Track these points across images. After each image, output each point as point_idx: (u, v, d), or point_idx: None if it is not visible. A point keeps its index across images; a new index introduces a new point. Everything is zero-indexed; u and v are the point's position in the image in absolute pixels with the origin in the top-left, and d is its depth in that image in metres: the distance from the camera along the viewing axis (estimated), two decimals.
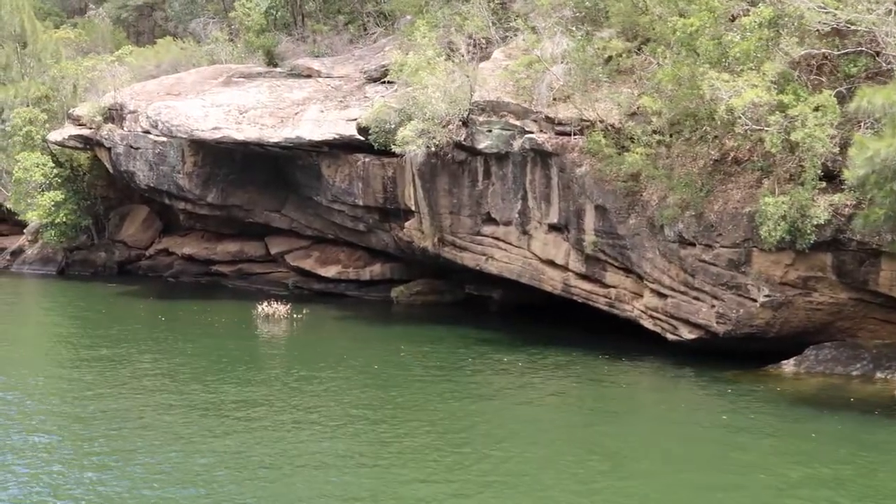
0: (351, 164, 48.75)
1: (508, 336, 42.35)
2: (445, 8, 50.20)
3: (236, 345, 41.25)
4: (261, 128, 50.34)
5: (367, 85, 52.24)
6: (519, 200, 41.90)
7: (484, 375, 36.17)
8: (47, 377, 35.59)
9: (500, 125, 41.50)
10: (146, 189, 57.46)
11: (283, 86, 54.84)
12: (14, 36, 65.04)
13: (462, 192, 43.88)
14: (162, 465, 25.21)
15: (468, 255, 44.48)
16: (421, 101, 42.17)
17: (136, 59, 63.41)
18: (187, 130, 50.96)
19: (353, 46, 60.83)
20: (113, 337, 42.54)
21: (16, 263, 66.13)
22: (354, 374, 35.92)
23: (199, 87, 56.84)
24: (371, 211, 49.15)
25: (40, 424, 29.20)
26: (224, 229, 59.84)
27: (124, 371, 36.17)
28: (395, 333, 43.31)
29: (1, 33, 65.86)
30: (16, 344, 42.97)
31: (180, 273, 61.13)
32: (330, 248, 54.66)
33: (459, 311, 48.71)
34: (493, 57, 45.31)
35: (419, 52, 44.22)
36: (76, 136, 59.41)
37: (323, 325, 45.67)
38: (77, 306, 51.99)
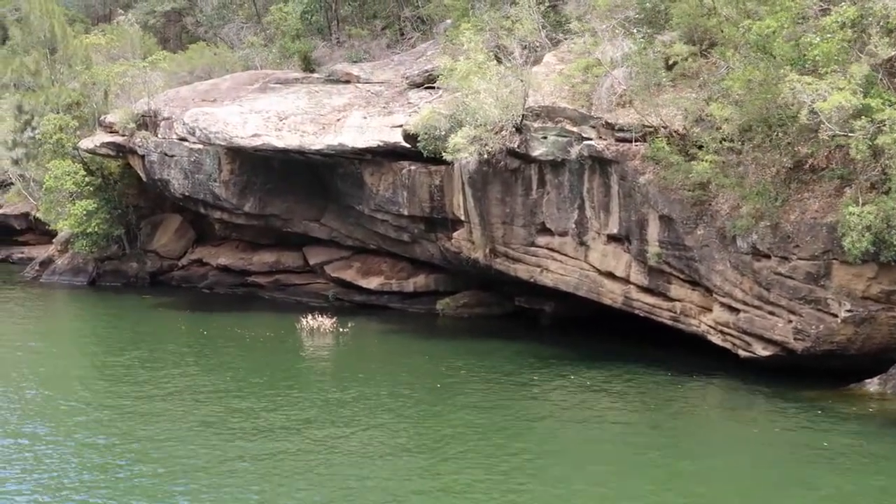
0: (395, 172, 47.16)
1: (564, 351, 40.73)
2: (491, 11, 48.43)
3: (284, 361, 39.76)
4: (301, 135, 48.77)
5: (410, 90, 50.64)
6: (575, 210, 40.26)
7: (541, 393, 34.72)
8: (85, 395, 34.21)
9: (555, 131, 39.89)
10: (181, 198, 55.97)
11: (322, 92, 53.25)
12: (44, 41, 63.56)
13: (515, 201, 42.23)
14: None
15: (522, 266, 42.81)
16: (472, 106, 40.57)
17: (169, 64, 61.79)
18: (226, 137, 49.41)
19: (391, 51, 59.37)
20: (156, 354, 41.01)
21: (45, 274, 64.58)
22: (409, 393, 34.35)
23: (235, 94, 55.34)
24: (416, 220, 47.53)
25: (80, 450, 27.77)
26: (260, 239, 58.29)
27: (172, 391, 34.73)
28: (445, 348, 41.65)
29: (30, 38, 64.40)
30: (50, 361, 41.39)
31: (215, 284, 59.55)
32: (371, 259, 53.02)
33: (509, 324, 47.02)
34: (545, 61, 43.74)
35: (468, 57, 42.49)
36: (109, 143, 58.00)
37: (370, 340, 44.06)
38: (112, 319, 50.46)
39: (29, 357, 41.42)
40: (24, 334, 46.56)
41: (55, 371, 38.60)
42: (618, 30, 39.07)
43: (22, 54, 65.62)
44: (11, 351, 42.18)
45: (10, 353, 41.33)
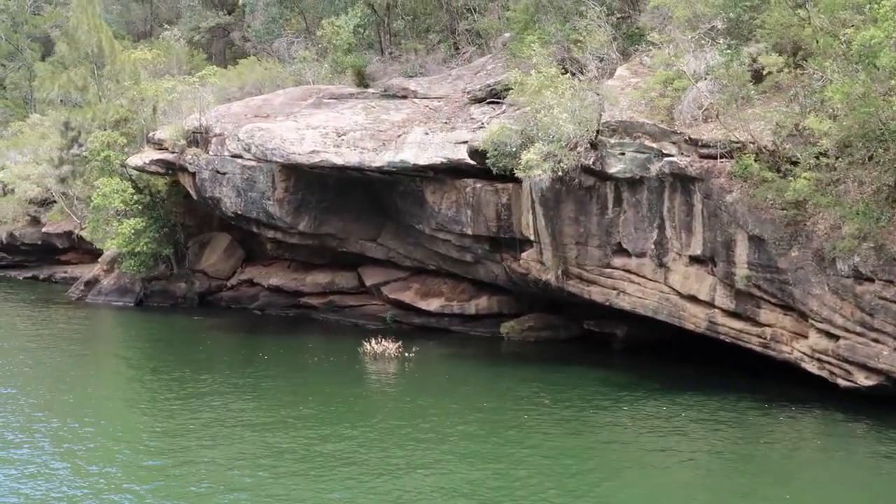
0: (459, 189, 45.38)
1: (640, 378, 38.78)
2: (558, 23, 46.68)
3: (355, 390, 37.81)
4: (361, 151, 47.06)
5: (472, 105, 48.81)
6: (654, 230, 38.35)
7: (618, 423, 32.89)
8: (138, 422, 32.50)
9: (633, 147, 38.02)
10: (233, 216, 54.36)
11: (379, 107, 51.57)
12: (91, 56, 62.14)
13: (590, 220, 40.35)
14: None
15: (596, 289, 40.88)
16: (545, 122, 38.76)
17: (219, 80, 60.31)
18: (283, 154, 47.77)
19: (446, 66, 57.62)
20: (220, 381, 39.01)
21: (91, 294, 63.10)
22: (484, 425, 32.34)
23: (289, 109, 53.72)
24: (480, 240, 45.71)
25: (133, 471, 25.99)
26: (313, 259, 56.59)
27: (235, 421, 32.87)
28: (515, 376, 39.69)
29: (76, 54, 63.01)
30: (102, 385, 40.00)
31: (267, 305, 57.87)
32: (431, 280, 51.18)
33: (578, 349, 45.05)
34: (618, 74, 42.02)
35: (538, 70, 40.71)
36: (158, 160, 56.47)
37: (436, 366, 42.09)
38: (166, 343, 48.73)
39: (83, 385, 39.81)
40: (76, 360, 44.89)
41: (111, 400, 37.12)
42: (702, 41, 37.12)
43: (69, 69, 64.29)
44: (61, 378, 40.53)
45: (61, 383, 39.59)
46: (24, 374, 40.66)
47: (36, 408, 34.75)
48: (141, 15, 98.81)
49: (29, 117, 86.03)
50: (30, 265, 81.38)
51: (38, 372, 41.12)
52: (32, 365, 42.59)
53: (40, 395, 36.58)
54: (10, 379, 39.68)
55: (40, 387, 38.16)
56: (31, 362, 43.10)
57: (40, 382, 38.97)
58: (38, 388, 38.04)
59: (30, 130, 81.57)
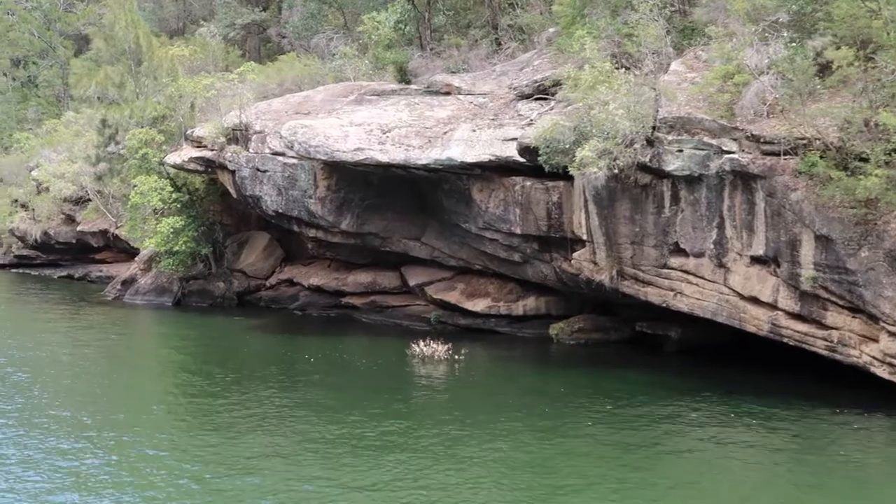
0: (507, 188, 44.31)
1: (700, 382, 37.64)
2: (608, 17, 45.52)
3: (407, 395, 36.67)
4: (406, 149, 46.05)
5: (519, 102, 47.65)
6: (714, 229, 37.15)
7: (678, 430, 31.77)
8: (190, 428, 31.53)
9: (692, 144, 36.84)
10: (273, 215, 53.42)
11: (422, 103, 50.49)
12: (129, 53, 61.31)
13: (646, 219, 39.18)
14: None
15: (653, 290, 39.72)
16: (600, 118, 37.66)
17: (257, 76, 59.38)
18: (327, 151, 46.80)
19: (489, 62, 56.50)
20: (268, 384, 38.11)
21: (128, 294, 62.37)
22: (552, 434, 31.19)
23: (330, 106, 52.80)
24: (529, 240, 44.61)
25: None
26: (355, 258, 55.66)
27: (292, 431, 31.79)
28: (569, 379, 38.66)
29: (114, 50, 62.20)
30: (146, 388, 39.20)
31: (307, 305, 56.97)
32: (476, 280, 50.11)
33: (630, 351, 43.96)
34: (672, 69, 40.80)
35: (592, 66, 39.58)
36: (197, 158, 55.71)
37: (487, 369, 41.06)
38: (208, 345, 47.69)
39: (128, 391, 39.04)
40: (117, 363, 44.21)
41: (156, 404, 36.26)
42: (766, 34, 35.90)
43: (106, 66, 63.52)
44: (101, 381, 39.78)
45: (100, 386, 38.83)
46: (66, 378, 39.75)
47: (81, 412, 33.90)
48: (174, 12, 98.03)
49: (63, 115, 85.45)
50: (64, 264, 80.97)
51: (79, 376, 40.30)
52: (73, 369, 41.75)
53: (85, 404, 35.60)
54: (52, 382, 38.94)
55: (85, 393, 37.35)
56: (72, 366, 42.27)
57: (84, 388, 38.13)
58: (83, 393, 37.23)
59: (64, 128, 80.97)
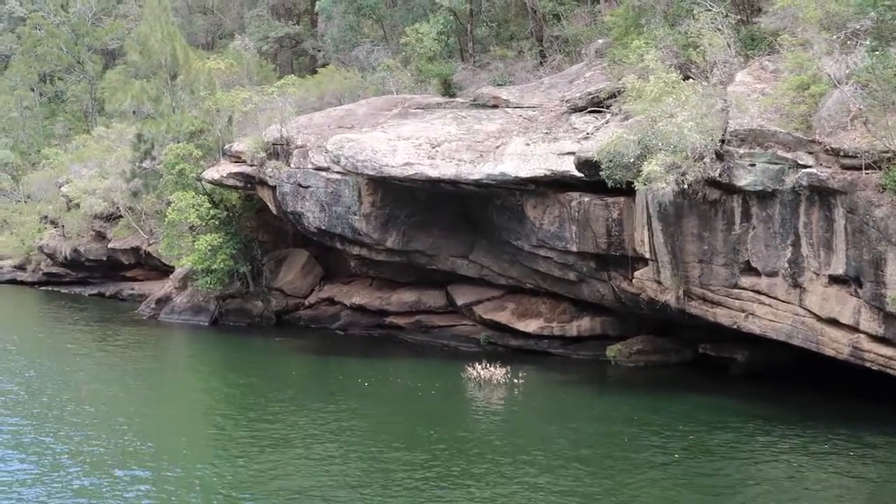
0: (563, 204, 42.64)
1: (774, 407, 35.91)
2: (666, 27, 43.88)
3: (467, 420, 34.94)
4: (457, 163, 44.45)
5: (572, 115, 46.00)
6: (788, 247, 35.33)
7: (764, 458, 29.99)
8: (237, 466, 29.78)
9: (765, 158, 35.07)
10: (315, 232, 51.82)
11: (470, 117, 48.83)
12: (165, 66, 59.80)
13: (715, 236, 37.39)
14: None
15: (722, 311, 37.88)
16: (667, 131, 35.92)
17: (297, 89, 57.84)
18: (375, 166, 45.22)
19: (534, 74, 54.93)
20: (326, 411, 36.11)
21: (163, 313, 60.81)
22: (640, 467, 29.32)
23: (374, 119, 51.23)
24: (586, 258, 42.90)
25: None
26: (399, 276, 53.98)
27: (355, 457, 30.14)
28: (639, 404, 36.77)
29: (149, 63, 60.71)
30: (193, 414, 37.55)
31: (349, 325, 55.27)
32: (527, 299, 48.35)
33: (693, 374, 42.09)
34: (739, 80, 38.98)
35: (657, 76, 37.92)
36: (236, 173, 54.18)
37: (548, 393, 39.12)
38: (253, 367, 45.65)
39: (173, 418, 37.43)
40: (158, 385, 42.81)
41: (207, 438, 34.33)
42: (848, 41, 34.13)
43: (141, 79, 62.10)
44: (141, 407, 38.11)
45: (141, 412, 37.16)
46: (103, 403, 37.98)
47: (120, 444, 32.28)
48: (203, 26, 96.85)
49: (93, 130, 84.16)
50: (94, 281, 79.52)
51: (117, 401, 38.54)
52: (110, 392, 40.06)
53: (129, 431, 33.89)
54: (89, 405, 37.35)
55: (126, 418, 35.64)
56: (109, 389, 40.57)
57: (124, 412, 36.40)
58: (124, 418, 35.54)
59: (94, 143, 79.64)
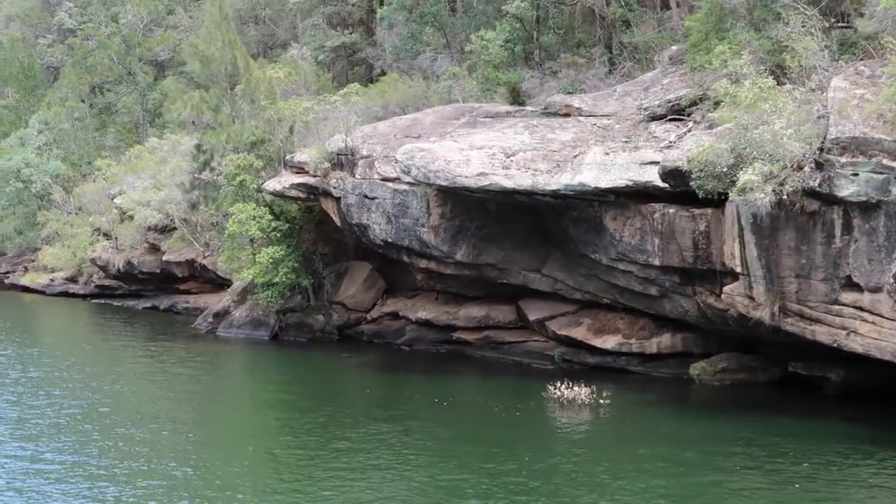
0: (644, 215, 40.86)
1: (881, 431, 33.76)
2: (751, 31, 42.12)
3: (558, 446, 33.00)
4: (533, 173, 42.78)
5: (651, 123, 44.26)
6: (894, 261, 33.38)
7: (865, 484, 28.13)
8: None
9: (869, 167, 33.16)
10: (381, 245, 50.27)
11: (542, 125, 47.11)
12: (225, 74, 58.47)
13: (813, 250, 35.44)
14: None
15: (822, 328, 35.92)
16: (764, 139, 34.14)
17: (361, 99, 56.45)
18: (448, 177, 43.59)
19: (605, 82, 53.25)
20: (405, 434, 34.44)
21: (221, 327, 59.44)
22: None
23: (441, 129, 49.69)
24: (669, 272, 41.07)
25: None
26: (466, 290, 52.34)
27: (441, 485, 28.40)
28: (737, 426, 34.83)
29: (208, 71, 59.41)
30: (262, 434, 36.07)
31: (414, 340, 53.64)
32: (604, 315, 46.53)
33: (783, 394, 40.16)
34: (835, 86, 37.07)
35: (752, 82, 36.16)
36: (299, 184, 52.79)
37: (637, 415, 37.14)
38: (317, 384, 44.39)
39: (245, 431, 35.93)
40: (220, 404, 41.44)
41: (276, 468, 32.69)
42: None
43: (200, 89, 60.87)
44: (207, 427, 36.68)
45: (206, 432, 35.73)
46: (168, 424, 36.56)
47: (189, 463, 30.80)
48: (255, 37, 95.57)
49: (146, 141, 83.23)
50: (147, 294, 78.49)
51: (180, 421, 37.15)
52: (173, 412, 38.70)
53: (195, 454, 32.46)
54: (154, 424, 36.00)
55: (195, 440, 34.24)
56: (171, 409, 39.27)
57: (189, 433, 34.97)
58: (193, 439, 34.13)
59: (148, 154, 78.63)
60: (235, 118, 58.50)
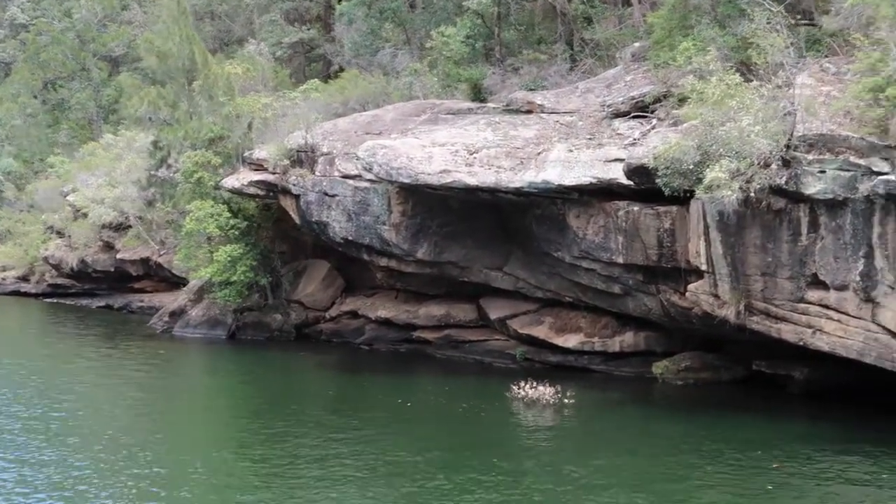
0: (608, 213, 40.51)
1: (848, 430, 33.70)
2: (716, 28, 41.87)
3: (528, 448, 32.32)
4: (497, 171, 42.32)
5: (615, 120, 43.90)
6: (860, 259, 33.14)
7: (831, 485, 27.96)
8: None
9: (836, 164, 32.99)
10: (341, 243, 49.62)
11: (504, 122, 46.66)
12: (183, 70, 57.53)
13: (779, 247, 35.19)
14: None
15: (787, 327, 35.68)
16: (731, 136, 33.87)
17: (320, 95, 55.75)
18: (411, 174, 43.03)
19: (567, 79, 52.86)
20: (363, 434, 33.61)
21: (177, 326, 58.45)
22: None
23: (402, 125, 49.14)
24: (633, 270, 40.75)
25: None
26: (426, 289, 51.80)
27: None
28: (705, 426, 34.28)
29: (166, 67, 58.46)
30: (221, 436, 35.25)
31: (374, 339, 52.99)
32: (566, 313, 46.16)
33: (747, 393, 39.88)
34: (801, 83, 36.85)
35: (720, 79, 35.87)
36: (258, 182, 52.06)
37: (604, 415, 36.57)
38: (276, 383, 43.47)
39: (205, 433, 35.20)
40: (177, 405, 40.56)
41: (229, 466, 31.95)
42: None
43: (157, 85, 59.95)
44: (165, 429, 35.88)
45: (167, 433, 34.90)
46: (125, 429, 35.15)
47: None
48: (211, 32, 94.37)
49: (101, 138, 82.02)
50: (101, 293, 77.27)
51: (137, 423, 36.07)
52: (127, 412, 37.84)
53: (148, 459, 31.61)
54: (109, 426, 35.03)
55: (148, 442, 33.37)
56: (126, 409, 38.43)
57: (144, 440, 33.80)
58: (145, 442, 33.26)
59: (103, 151, 77.42)
60: (193, 114, 57.55)
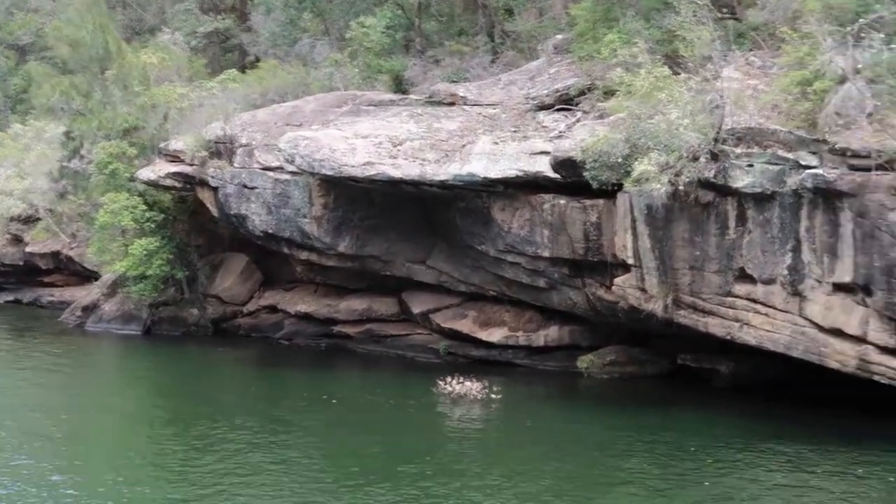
0: (533, 206, 40.19)
1: (773, 424, 33.67)
2: (641, 21, 41.72)
3: (461, 444, 31.88)
4: (421, 163, 41.76)
5: (539, 113, 43.59)
6: (787, 253, 33.26)
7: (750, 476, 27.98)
8: None
9: (764, 158, 33.10)
10: (261, 236, 48.65)
11: (427, 115, 46.08)
12: (96, 59, 56.02)
13: (707, 241, 35.15)
14: None
15: (715, 321, 35.64)
16: (660, 129, 33.75)
17: (239, 85, 54.67)
18: (334, 166, 42.28)
19: (489, 71, 52.43)
20: (291, 435, 32.63)
21: (90, 321, 56.88)
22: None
23: (323, 117, 48.29)
24: (559, 263, 40.48)
25: None
26: (347, 283, 50.97)
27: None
28: (634, 421, 34.09)
29: (79, 56, 56.87)
30: (134, 435, 34.19)
31: (293, 334, 52.01)
32: (490, 307, 45.70)
33: (673, 387, 39.85)
34: (727, 76, 36.83)
35: (649, 71, 35.73)
36: (175, 174, 50.81)
37: (532, 411, 36.06)
38: (200, 382, 42.20)
39: (116, 431, 34.19)
40: (90, 402, 39.33)
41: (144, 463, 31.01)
42: (861, 34, 32.10)
43: (70, 74, 58.34)
44: (74, 425, 34.80)
45: (74, 430, 33.81)
46: (28, 421, 34.48)
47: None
48: (123, 21, 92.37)
49: (9, 128, 79.70)
50: (9, 287, 74.95)
51: (45, 420, 34.90)
52: (38, 409, 36.59)
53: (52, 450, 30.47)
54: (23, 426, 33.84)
55: (59, 440, 32.26)
56: (37, 406, 37.19)
57: (53, 432, 32.86)
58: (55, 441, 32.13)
59: (11, 142, 75.23)
60: (107, 104, 55.98)
